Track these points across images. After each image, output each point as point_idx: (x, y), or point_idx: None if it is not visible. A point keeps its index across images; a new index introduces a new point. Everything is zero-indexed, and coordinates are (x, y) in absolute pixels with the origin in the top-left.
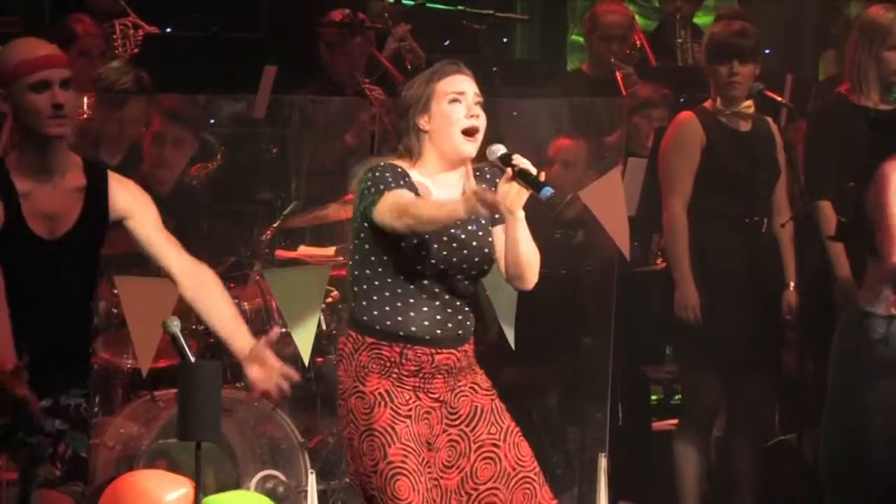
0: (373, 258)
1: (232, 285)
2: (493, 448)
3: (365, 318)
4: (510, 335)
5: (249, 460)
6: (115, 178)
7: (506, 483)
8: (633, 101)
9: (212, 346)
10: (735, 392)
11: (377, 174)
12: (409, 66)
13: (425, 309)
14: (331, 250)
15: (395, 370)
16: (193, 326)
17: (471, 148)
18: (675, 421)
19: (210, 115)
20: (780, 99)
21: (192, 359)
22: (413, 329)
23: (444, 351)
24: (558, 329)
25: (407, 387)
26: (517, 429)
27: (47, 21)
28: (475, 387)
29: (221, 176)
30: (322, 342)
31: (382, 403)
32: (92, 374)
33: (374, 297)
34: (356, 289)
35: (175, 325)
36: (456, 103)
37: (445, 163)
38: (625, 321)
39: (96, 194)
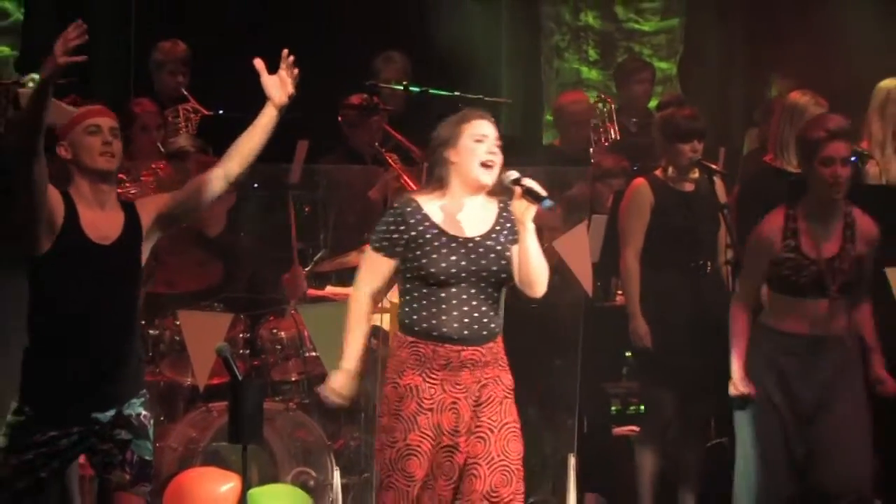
0: (410, 275)
1: (272, 318)
2: (487, 431)
3: (407, 321)
4: None
5: (286, 459)
6: (137, 202)
7: (488, 463)
8: (598, 171)
9: (256, 367)
10: (684, 406)
11: (387, 214)
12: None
13: (455, 313)
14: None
15: (428, 364)
16: (241, 351)
17: (487, 177)
18: (631, 427)
19: (254, 181)
20: (714, 167)
21: (240, 377)
22: (444, 330)
23: (470, 348)
24: (535, 352)
25: (435, 380)
26: (516, 428)
27: (131, 103)
28: (498, 380)
29: (265, 230)
30: None
31: (410, 396)
32: (145, 384)
33: (415, 305)
34: (404, 297)
35: (226, 350)
36: (479, 143)
37: (468, 189)
38: (589, 346)
39: (131, 218)
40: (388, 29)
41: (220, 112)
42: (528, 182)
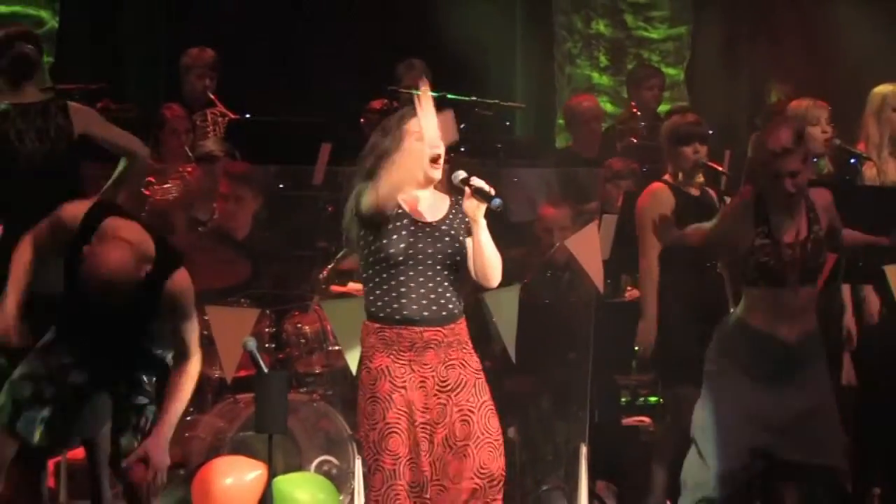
0: (371, 259)
1: (296, 313)
2: (469, 413)
3: (373, 308)
4: (511, 351)
5: (310, 448)
6: None
7: (475, 442)
8: (608, 172)
9: (281, 360)
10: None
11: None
12: None
13: (413, 295)
14: None
15: (395, 347)
16: (266, 345)
17: (437, 172)
18: (640, 418)
19: (280, 181)
20: (720, 169)
21: (266, 370)
22: (405, 313)
23: (431, 329)
24: (549, 346)
25: (403, 361)
26: (492, 405)
27: (161, 107)
28: (464, 362)
29: (290, 228)
30: None
31: (383, 377)
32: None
33: (378, 291)
34: (367, 285)
35: (252, 344)
36: (421, 141)
37: (416, 184)
38: (600, 340)
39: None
40: (409, 37)
41: (248, 116)
42: (477, 182)
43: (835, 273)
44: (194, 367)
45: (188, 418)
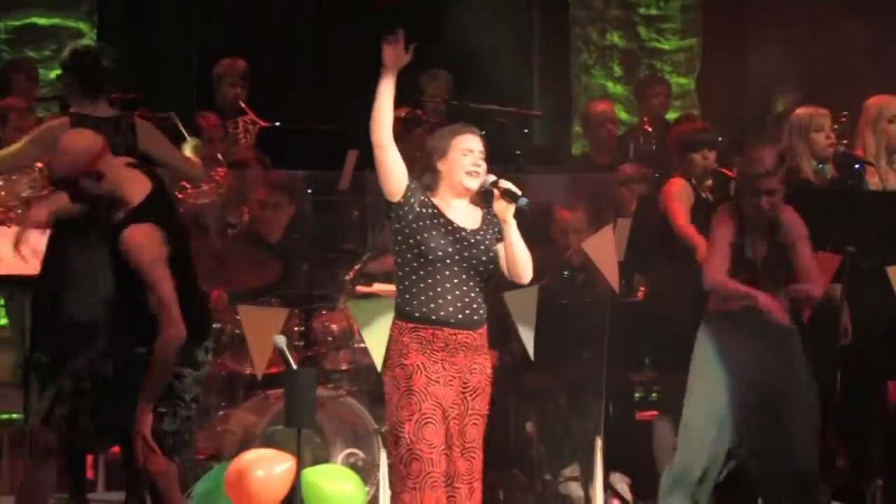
0: (409, 255)
1: (324, 312)
2: (478, 417)
3: (407, 308)
4: (530, 349)
5: (337, 442)
6: None
7: (479, 448)
8: (622, 177)
9: (310, 357)
10: None
11: None
12: None
13: (449, 297)
14: None
15: (429, 347)
16: (295, 343)
17: (472, 182)
18: (652, 413)
19: (308, 186)
20: (730, 174)
21: (295, 366)
22: (441, 314)
23: (465, 332)
24: (566, 344)
25: (436, 360)
26: (488, 410)
27: (195, 116)
28: (483, 368)
29: (318, 231)
30: None
31: (419, 372)
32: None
33: (414, 290)
34: (400, 287)
35: (282, 342)
36: (466, 156)
37: (455, 193)
38: (615, 339)
39: None
40: (432, 49)
41: (277, 124)
42: (505, 183)
43: (839, 272)
44: (162, 344)
45: (220, 413)
